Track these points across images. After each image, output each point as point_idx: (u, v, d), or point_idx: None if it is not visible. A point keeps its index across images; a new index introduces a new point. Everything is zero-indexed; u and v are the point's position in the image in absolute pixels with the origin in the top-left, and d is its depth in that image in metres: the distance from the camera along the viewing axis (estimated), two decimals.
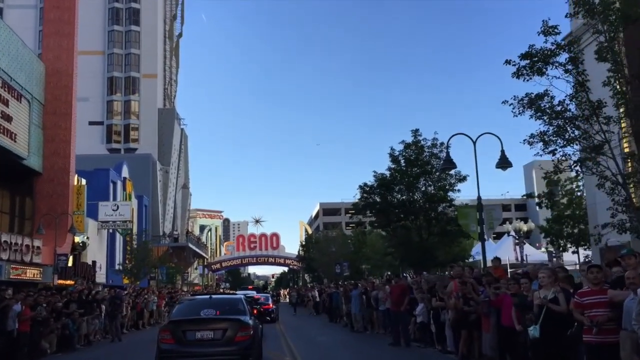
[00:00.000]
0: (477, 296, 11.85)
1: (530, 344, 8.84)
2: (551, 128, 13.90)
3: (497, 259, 13.83)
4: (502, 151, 16.76)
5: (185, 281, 70.96)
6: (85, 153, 66.31)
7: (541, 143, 14.15)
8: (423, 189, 23.92)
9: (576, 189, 24.14)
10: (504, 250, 32.51)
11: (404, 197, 24.22)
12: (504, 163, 16.63)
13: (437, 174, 23.82)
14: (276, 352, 15.26)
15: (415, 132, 24.09)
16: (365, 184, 24.88)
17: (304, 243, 76.99)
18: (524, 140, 14.44)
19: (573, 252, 25.02)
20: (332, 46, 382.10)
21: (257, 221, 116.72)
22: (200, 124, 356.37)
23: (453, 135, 17.19)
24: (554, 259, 37.76)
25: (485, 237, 16.27)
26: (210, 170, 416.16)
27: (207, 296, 13.79)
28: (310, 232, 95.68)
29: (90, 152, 67.78)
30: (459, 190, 23.84)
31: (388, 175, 24.55)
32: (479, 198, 16.58)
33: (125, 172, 55.77)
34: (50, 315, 16.95)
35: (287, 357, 14.26)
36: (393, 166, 24.50)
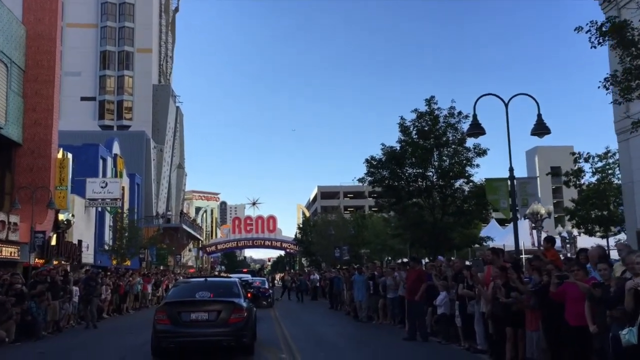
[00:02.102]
0: (523, 286, 9.46)
1: (618, 352, 6.46)
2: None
3: (550, 239, 11.39)
4: (539, 115, 14.26)
5: (178, 263, 68.71)
6: (77, 129, 63.96)
7: (620, 85, 11.21)
8: (437, 163, 21.39)
9: (607, 168, 21.77)
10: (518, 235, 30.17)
11: (416, 172, 21.70)
12: (541, 129, 14.15)
13: (454, 146, 21.31)
14: (271, 348, 12.89)
15: (430, 101, 21.54)
16: (372, 158, 22.37)
17: (301, 226, 74.66)
18: (600, 83, 11.66)
19: (602, 237, 22.68)
20: (334, 26, 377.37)
21: (253, 203, 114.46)
22: (196, 103, 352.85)
23: (482, 96, 14.69)
24: (568, 245, 35.56)
25: (518, 215, 13.85)
26: (206, 152, 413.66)
27: (202, 279, 13.84)
28: (307, 215, 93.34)
29: (81, 129, 65.24)
30: (477, 166, 21.42)
31: (398, 148, 22.04)
32: (511, 169, 14.13)
33: (116, 149, 53.21)
34: (6, 299, 14.54)
35: (284, 355, 11.86)
36: (403, 138, 21.97)
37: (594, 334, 7.19)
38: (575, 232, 40.63)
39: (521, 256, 17.75)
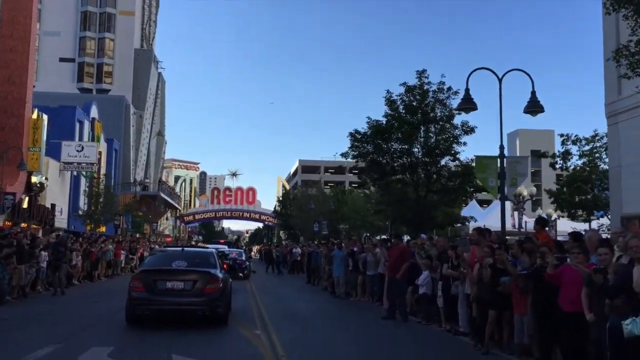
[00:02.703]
0: (513, 268, 8.99)
1: (617, 344, 6.02)
2: None
3: (542, 220, 10.92)
4: (533, 92, 13.78)
5: (155, 232, 67.90)
6: (54, 91, 62.26)
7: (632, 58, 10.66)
8: (423, 139, 20.81)
9: (594, 151, 21.42)
10: (497, 216, 29.87)
11: (402, 147, 21.11)
12: (534, 107, 13.66)
13: (442, 123, 20.73)
14: (246, 323, 12.35)
15: (421, 74, 20.87)
16: (357, 131, 21.72)
17: (281, 199, 74.12)
18: (611, 55, 11.06)
19: (585, 221, 22.44)
20: None
21: (233, 174, 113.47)
22: (178, 71, 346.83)
23: (475, 70, 14.12)
24: (547, 228, 35.54)
25: (507, 194, 13.39)
26: (187, 121, 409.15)
27: (179, 248, 13.84)
28: (288, 188, 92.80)
29: (59, 90, 63.52)
30: (464, 144, 20.90)
31: (384, 122, 21.40)
32: (502, 147, 13.64)
33: (94, 113, 51.88)
34: None
35: (259, 331, 11.32)
36: (390, 112, 21.31)
37: (591, 322, 6.73)
38: (554, 215, 40.69)
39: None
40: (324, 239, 42.06)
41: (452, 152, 20.65)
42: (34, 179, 34.28)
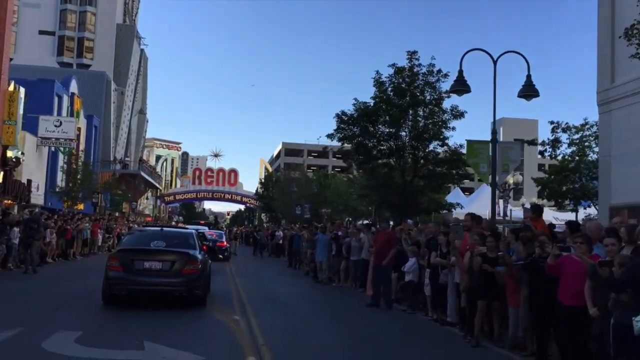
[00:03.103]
0: (509, 258, 8.54)
1: (622, 341, 5.61)
2: None
3: (536, 207, 10.47)
4: (529, 76, 13.31)
5: (134, 211, 66.91)
6: (33, 64, 60.63)
7: None
8: (411, 123, 20.28)
9: (584, 140, 21.09)
10: (481, 204, 29.60)
11: (389, 131, 20.57)
12: (529, 91, 13.20)
13: (430, 106, 20.19)
14: (224, 308, 11.83)
15: (412, 55, 20.26)
16: (344, 113, 21.13)
17: (263, 181, 73.42)
18: (625, 31, 10.58)
19: (572, 211, 22.19)
20: None
21: (215, 155, 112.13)
22: (162, 49, 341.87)
23: (469, 51, 13.60)
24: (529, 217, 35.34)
25: (497, 181, 12.96)
26: (170, 100, 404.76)
27: (158, 228, 13.52)
28: (270, 170, 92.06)
29: (38, 64, 61.90)
30: (453, 129, 20.42)
31: (372, 104, 20.82)
32: (494, 132, 13.18)
33: (74, 88, 50.59)
34: None
35: (237, 316, 10.81)
36: (378, 94, 20.72)
37: (594, 317, 6.31)
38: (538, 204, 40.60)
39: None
40: (306, 222, 41.65)
41: (441, 136, 20.17)
42: (9, 154, 33.24)
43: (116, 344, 7.88)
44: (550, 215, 35.80)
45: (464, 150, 20.95)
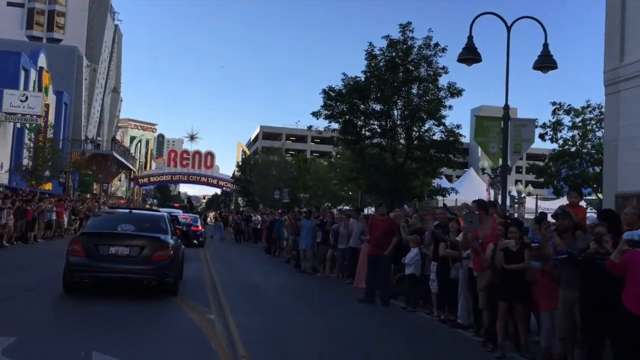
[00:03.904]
0: (550, 251, 7.04)
1: None
2: None
3: (574, 193, 8.97)
4: (545, 45, 11.82)
5: (106, 192, 64.56)
6: (1, 37, 57.65)
7: None
8: (405, 101, 18.68)
9: (586, 123, 19.78)
10: (468, 191, 28.19)
11: (381, 108, 18.97)
12: (546, 62, 11.70)
13: (426, 83, 18.59)
14: (197, 305, 10.18)
15: (405, 27, 18.61)
16: (331, 88, 19.45)
17: (240, 164, 71.48)
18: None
19: None
20: None
21: (191, 137, 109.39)
22: (137, 26, 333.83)
23: (481, 15, 12.04)
24: (516, 205, 34.12)
25: (509, 163, 11.49)
26: (145, 80, 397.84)
27: (127, 210, 12.47)
28: (248, 153, 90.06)
29: (5, 37, 58.87)
30: (450, 107, 18.89)
31: (362, 79, 19.18)
32: (506, 107, 11.69)
33: (42, 62, 48.03)
34: None
35: (212, 315, 9.18)
36: (369, 69, 19.07)
37: None
38: (523, 192, 39.46)
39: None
40: (285, 207, 40.05)
41: (437, 115, 18.63)
42: None
43: (55, 356, 6.20)
44: (532, 203, 34.78)
45: (460, 131, 19.58)
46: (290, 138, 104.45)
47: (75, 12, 70.25)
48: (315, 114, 19.68)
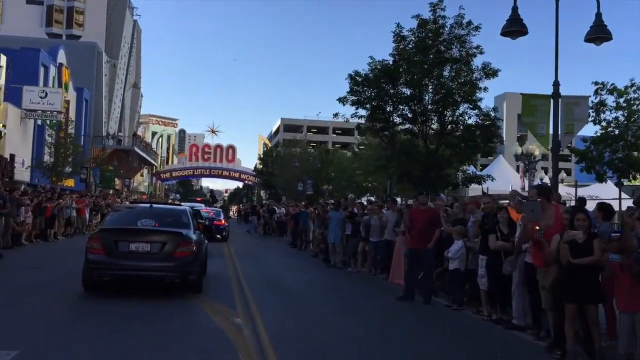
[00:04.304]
0: (632, 242, 6.03)
1: None
2: None
3: None
4: (599, 14, 10.69)
5: (128, 188, 64.38)
6: (21, 35, 57.55)
7: None
8: (436, 83, 17.54)
9: (631, 103, 18.50)
10: (500, 178, 26.91)
11: (411, 92, 17.88)
12: (600, 33, 10.58)
13: (458, 65, 17.42)
14: (222, 305, 9.32)
15: (435, 6, 17.43)
16: (357, 73, 18.40)
17: (262, 156, 70.78)
18: None
19: (616, 184, 19.72)
20: None
21: (212, 131, 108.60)
22: (156, 20, 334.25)
23: None
24: (517, 196, 32.76)
25: (561, 145, 10.43)
26: (165, 76, 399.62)
27: (148, 205, 12.01)
28: (269, 146, 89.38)
29: (26, 35, 58.78)
30: (485, 89, 17.74)
31: (391, 62, 18.10)
32: (556, 84, 10.60)
33: (62, 58, 47.74)
34: None
35: (239, 318, 8.29)
36: (397, 52, 17.99)
37: None
38: (567, 178, 38.03)
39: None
40: (308, 198, 39.22)
41: (473, 98, 17.49)
42: None
43: None
44: (564, 191, 33.44)
45: (497, 115, 18.46)
46: (312, 130, 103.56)
47: (94, 8, 70.01)
48: (342, 100, 18.67)
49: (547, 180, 34.25)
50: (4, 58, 32.66)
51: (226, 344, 6.81)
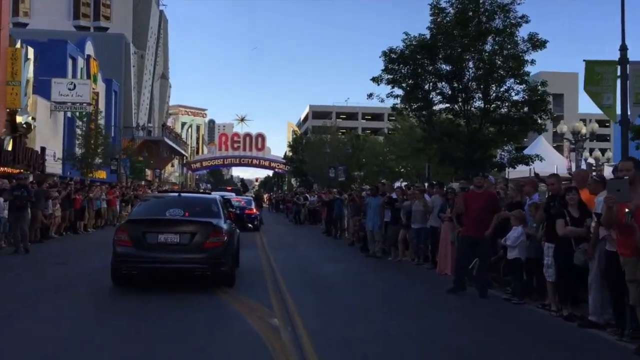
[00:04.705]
0: None
1: None
2: None
3: None
4: None
5: (160, 178, 64.34)
6: (49, 28, 57.63)
7: None
8: (478, 57, 16.35)
9: None
10: (544, 158, 25.52)
11: (451, 68, 16.75)
12: None
13: (501, 37, 16.18)
14: (256, 303, 8.45)
15: None
16: (392, 50, 17.28)
17: (292, 144, 69.99)
18: None
19: None
20: None
21: (241, 119, 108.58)
22: (182, 10, 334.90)
23: None
24: (594, 173, 31.28)
25: (629, 116, 9.27)
26: (193, 65, 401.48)
27: (176, 194, 11.58)
28: (299, 133, 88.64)
29: (53, 28, 58.88)
30: (532, 62, 16.48)
31: (428, 36, 16.95)
32: (624, 48, 9.42)
33: (89, 50, 47.49)
34: None
35: (276, 319, 7.39)
36: (433, 26, 16.82)
37: None
38: (601, 158, 36.36)
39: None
40: (340, 185, 38.32)
41: (519, 72, 16.27)
42: (19, 119, 30.44)
43: None
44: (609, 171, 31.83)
45: (546, 89, 17.20)
46: (341, 116, 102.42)
47: (121, 0, 69.87)
48: (376, 80, 17.60)
49: (591, 160, 32.76)
50: (31, 51, 32.32)
51: (263, 352, 5.90)
